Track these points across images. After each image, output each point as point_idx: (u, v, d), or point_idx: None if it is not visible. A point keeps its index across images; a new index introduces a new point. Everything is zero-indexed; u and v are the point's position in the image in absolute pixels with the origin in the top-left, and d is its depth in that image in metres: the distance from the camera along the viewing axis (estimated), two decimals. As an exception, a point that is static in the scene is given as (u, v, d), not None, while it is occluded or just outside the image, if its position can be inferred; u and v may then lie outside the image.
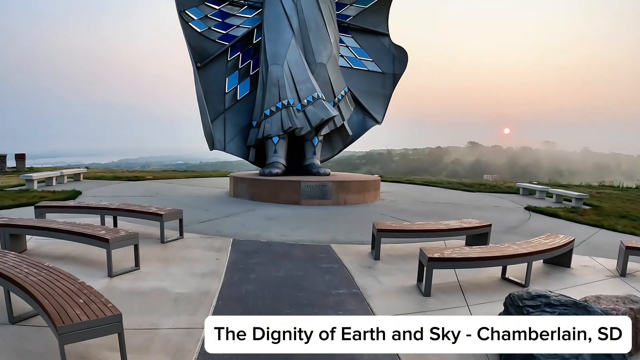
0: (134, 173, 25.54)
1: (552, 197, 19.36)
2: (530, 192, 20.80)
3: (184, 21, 15.69)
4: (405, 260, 7.96)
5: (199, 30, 16.02)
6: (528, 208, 15.88)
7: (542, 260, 8.08)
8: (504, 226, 12.16)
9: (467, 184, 24.00)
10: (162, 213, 8.46)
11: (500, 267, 7.20)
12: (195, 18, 15.99)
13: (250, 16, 16.98)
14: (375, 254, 7.93)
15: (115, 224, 9.61)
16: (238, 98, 16.60)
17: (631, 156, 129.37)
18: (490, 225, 9.13)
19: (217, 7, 16.49)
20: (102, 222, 9.13)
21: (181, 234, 8.88)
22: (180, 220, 8.89)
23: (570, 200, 17.98)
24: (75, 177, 20.75)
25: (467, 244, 9.19)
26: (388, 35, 18.64)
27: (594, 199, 19.05)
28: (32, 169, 26.44)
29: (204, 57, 15.88)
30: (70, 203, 9.81)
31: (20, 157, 27.22)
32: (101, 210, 9.17)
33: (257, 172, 16.62)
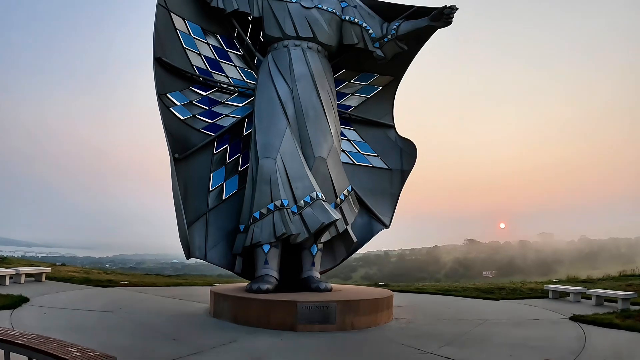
0: (108, 276, 23.01)
1: (590, 298, 17.07)
2: (561, 295, 18.44)
3: (164, 106, 13.50)
4: None
5: (182, 118, 13.84)
6: (574, 318, 13.35)
7: None
8: (564, 353, 9.46)
9: (484, 289, 21.37)
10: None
11: None
12: (178, 103, 13.86)
13: (240, 105, 15.06)
14: None
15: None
16: (224, 197, 14.24)
17: (629, 239, 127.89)
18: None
19: (204, 93, 14.51)
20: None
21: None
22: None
23: (615, 301, 15.85)
24: (37, 277, 18.51)
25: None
26: (394, 127, 16.76)
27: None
28: (4, 260, 23.95)
29: (185, 148, 13.56)
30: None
31: None
32: (6, 344, 6.36)
33: (245, 285, 13.89)
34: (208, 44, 14.84)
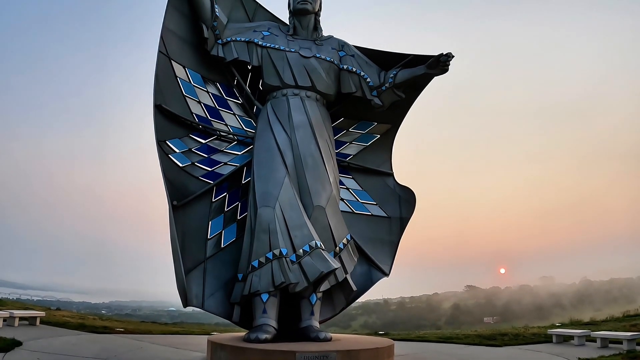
0: (104, 322, 22.66)
1: (595, 341, 16.81)
2: (565, 339, 18.16)
3: (164, 153, 13.54)
4: None
5: (181, 165, 13.86)
6: None
7: None
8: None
9: (486, 335, 21.13)
10: None
11: None
12: (177, 151, 13.91)
13: (239, 153, 15.08)
14: None
15: None
16: (222, 246, 14.09)
17: (631, 279, 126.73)
18: None
19: (203, 141, 14.55)
20: None
21: None
22: None
23: (620, 342, 15.62)
24: (31, 321, 18.27)
25: None
26: (392, 174, 16.69)
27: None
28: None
29: (184, 195, 13.54)
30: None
31: None
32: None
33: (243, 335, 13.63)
34: (208, 92, 15.00)
